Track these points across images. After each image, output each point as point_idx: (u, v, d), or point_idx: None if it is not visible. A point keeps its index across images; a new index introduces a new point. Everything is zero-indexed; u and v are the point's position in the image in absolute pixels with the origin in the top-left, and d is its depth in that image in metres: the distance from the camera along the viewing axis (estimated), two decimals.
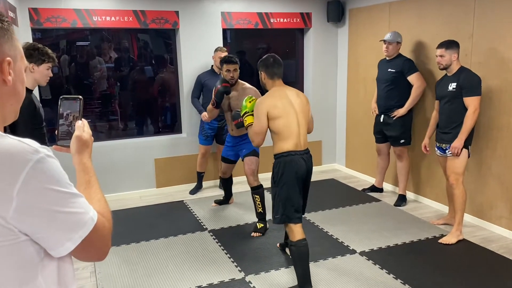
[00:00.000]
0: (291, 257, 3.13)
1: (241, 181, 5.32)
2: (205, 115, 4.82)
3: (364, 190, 5.29)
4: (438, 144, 3.99)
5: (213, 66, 5.09)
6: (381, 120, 4.82)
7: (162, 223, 4.43)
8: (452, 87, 3.76)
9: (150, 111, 6.02)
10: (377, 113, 4.87)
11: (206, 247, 3.88)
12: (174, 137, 5.50)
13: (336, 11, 5.71)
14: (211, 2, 5.27)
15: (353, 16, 5.68)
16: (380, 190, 5.22)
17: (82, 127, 1.20)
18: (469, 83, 3.68)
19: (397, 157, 4.85)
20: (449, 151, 3.82)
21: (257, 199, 4.12)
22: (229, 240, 3.99)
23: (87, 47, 5.70)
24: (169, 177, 5.43)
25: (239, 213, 4.64)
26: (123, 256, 3.74)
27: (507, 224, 3.98)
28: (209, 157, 5.43)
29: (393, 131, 4.73)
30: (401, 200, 4.83)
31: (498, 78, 3.90)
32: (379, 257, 3.62)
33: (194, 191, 5.34)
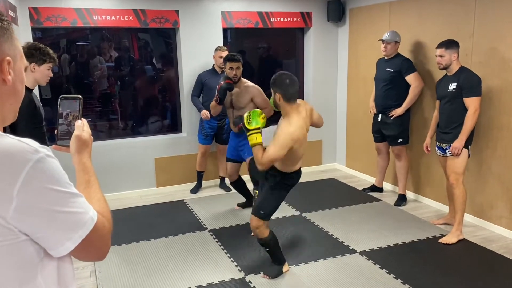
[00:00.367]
0: (269, 249, 3.32)
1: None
2: (205, 113, 4.85)
3: (364, 189, 5.29)
4: (438, 144, 3.99)
5: (214, 65, 5.09)
6: (379, 119, 4.82)
7: (162, 222, 4.43)
8: (452, 87, 3.76)
9: (150, 110, 6.02)
10: (375, 112, 4.87)
11: (206, 246, 3.88)
12: (174, 136, 5.49)
13: (336, 10, 5.71)
14: (211, 1, 5.27)
15: (354, 15, 5.68)
16: (380, 189, 5.22)
17: (81, 127, 1.20)
18: (469, 83, 3.68)
19: (395, 156, 4.85)
20: (449, 151, 3.82)
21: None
22: (229, 239, 3.99)
23: (87, 46, 5.69)
24: (169, 176, 5.42)
25: (239, 213, 4.64)
26: (123, 255, 3.74)
27: (507, 224, 3.98)
28: (209, 157, 5.42)
29: (391, 130, 4.73)
30: (401, 199, 4.83)
31: (498, 77, 3.89)
32: (379, 256, 3.62)
33: (195, 190, 5.34)
